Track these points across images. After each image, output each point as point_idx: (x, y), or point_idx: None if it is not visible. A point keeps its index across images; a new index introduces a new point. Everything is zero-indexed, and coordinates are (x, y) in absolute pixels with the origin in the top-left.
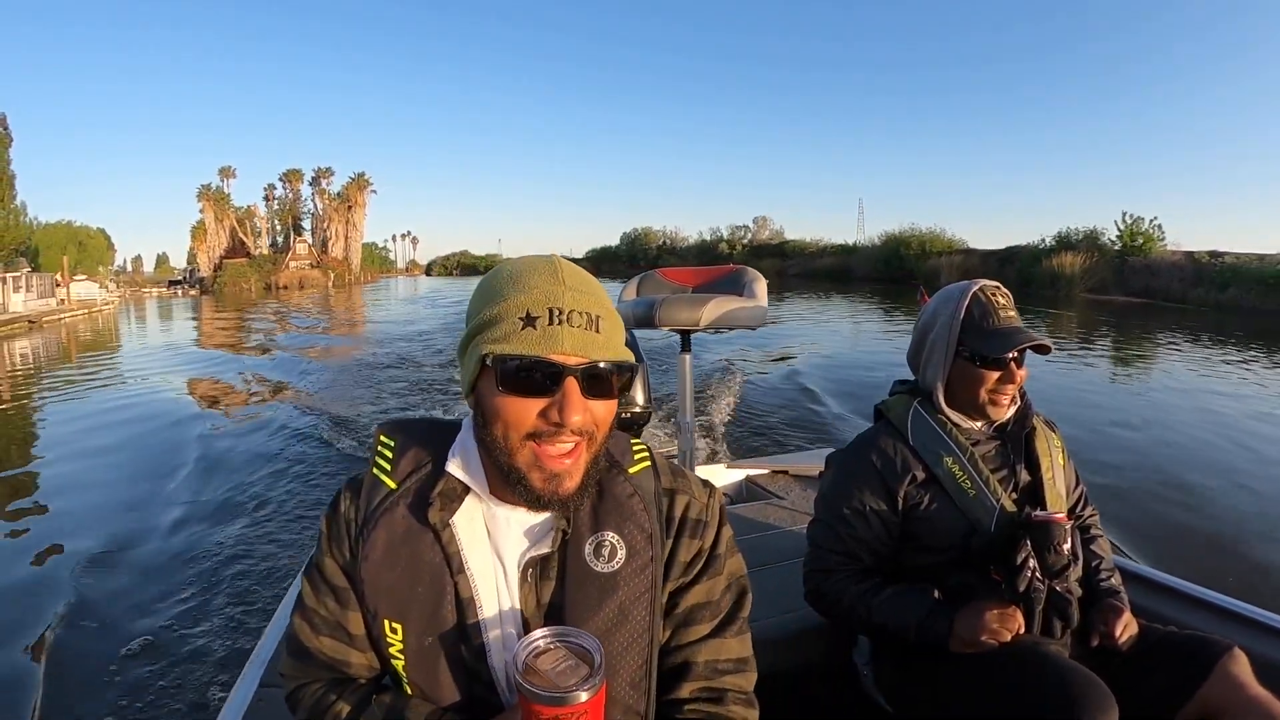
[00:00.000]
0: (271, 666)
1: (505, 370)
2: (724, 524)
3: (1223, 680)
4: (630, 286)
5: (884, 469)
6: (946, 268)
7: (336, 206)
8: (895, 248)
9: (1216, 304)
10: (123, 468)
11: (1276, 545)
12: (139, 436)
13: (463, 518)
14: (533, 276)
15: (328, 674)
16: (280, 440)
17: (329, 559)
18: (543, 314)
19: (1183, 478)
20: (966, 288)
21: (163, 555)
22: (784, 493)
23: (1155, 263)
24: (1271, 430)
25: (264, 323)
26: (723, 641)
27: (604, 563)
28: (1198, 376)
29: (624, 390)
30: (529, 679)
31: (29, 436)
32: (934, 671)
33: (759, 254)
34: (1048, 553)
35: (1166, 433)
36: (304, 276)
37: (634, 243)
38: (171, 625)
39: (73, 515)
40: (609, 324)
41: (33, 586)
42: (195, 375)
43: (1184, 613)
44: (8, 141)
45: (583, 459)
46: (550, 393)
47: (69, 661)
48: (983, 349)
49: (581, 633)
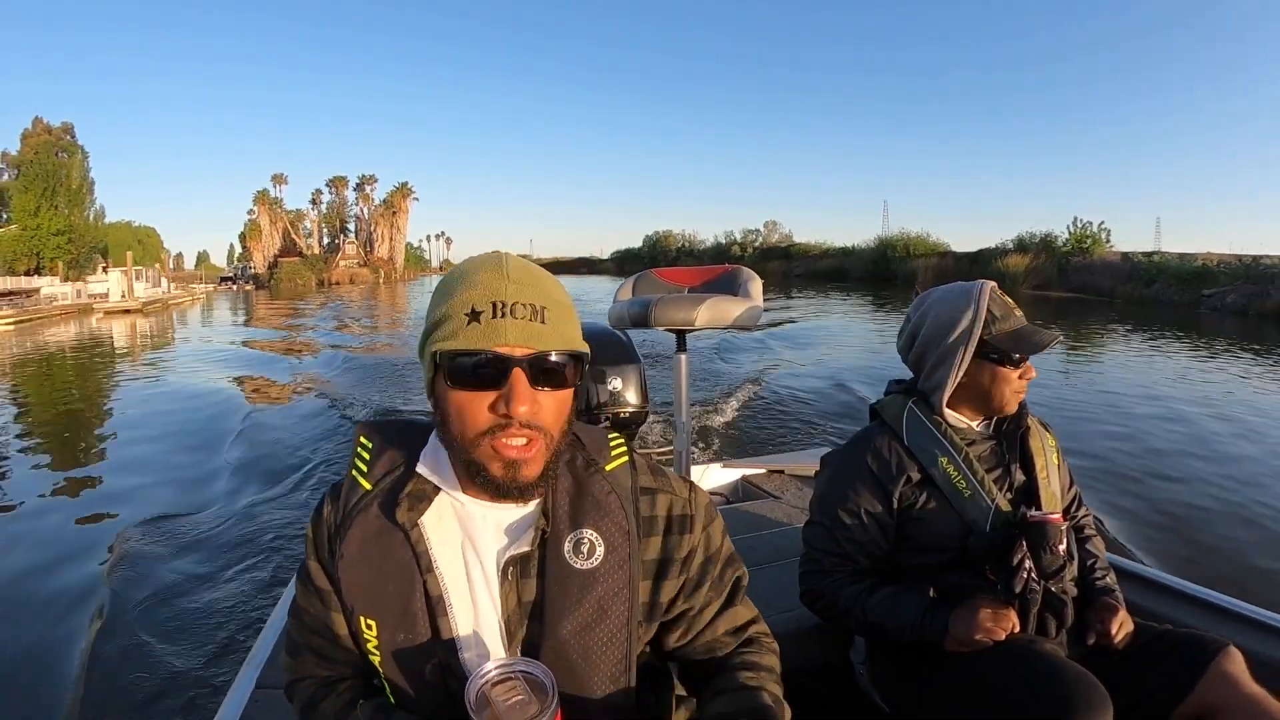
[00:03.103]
0: (268, 668)
1: (453, 366)
2: (712, 514)
3: (1218, 678)
4: (625, 286)
5: (879, 470)
6: (923, 269)
7: (382, 212)
8: (884, 250)
9: (1140, 298)
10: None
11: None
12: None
13: (432, 517)
14: (479, 274)
15: (318, 671)
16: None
17: (314, 562)
18: (486, 308)
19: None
20: (975, 289)
21: (164, 555)
22: (780, 492)
23: (1094, 262)
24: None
25: (328, 311)
26: (734, 610)
27: (583, 559)
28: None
29: (577, 381)
30: (484, 716)
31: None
32: (930, 671)
33: (768, 256)
34: (1043, 553)
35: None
36: (354, 274)
37: (655, 245)
38: (169, 626)
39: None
40: (556, 315)
41: (28, 581)
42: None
43: (1180, 611)
44: (86, 152)
45: (540, 450)
46: (498, 385)
47: (69, 661)
48: (1014, 348)
49: (532, 661)
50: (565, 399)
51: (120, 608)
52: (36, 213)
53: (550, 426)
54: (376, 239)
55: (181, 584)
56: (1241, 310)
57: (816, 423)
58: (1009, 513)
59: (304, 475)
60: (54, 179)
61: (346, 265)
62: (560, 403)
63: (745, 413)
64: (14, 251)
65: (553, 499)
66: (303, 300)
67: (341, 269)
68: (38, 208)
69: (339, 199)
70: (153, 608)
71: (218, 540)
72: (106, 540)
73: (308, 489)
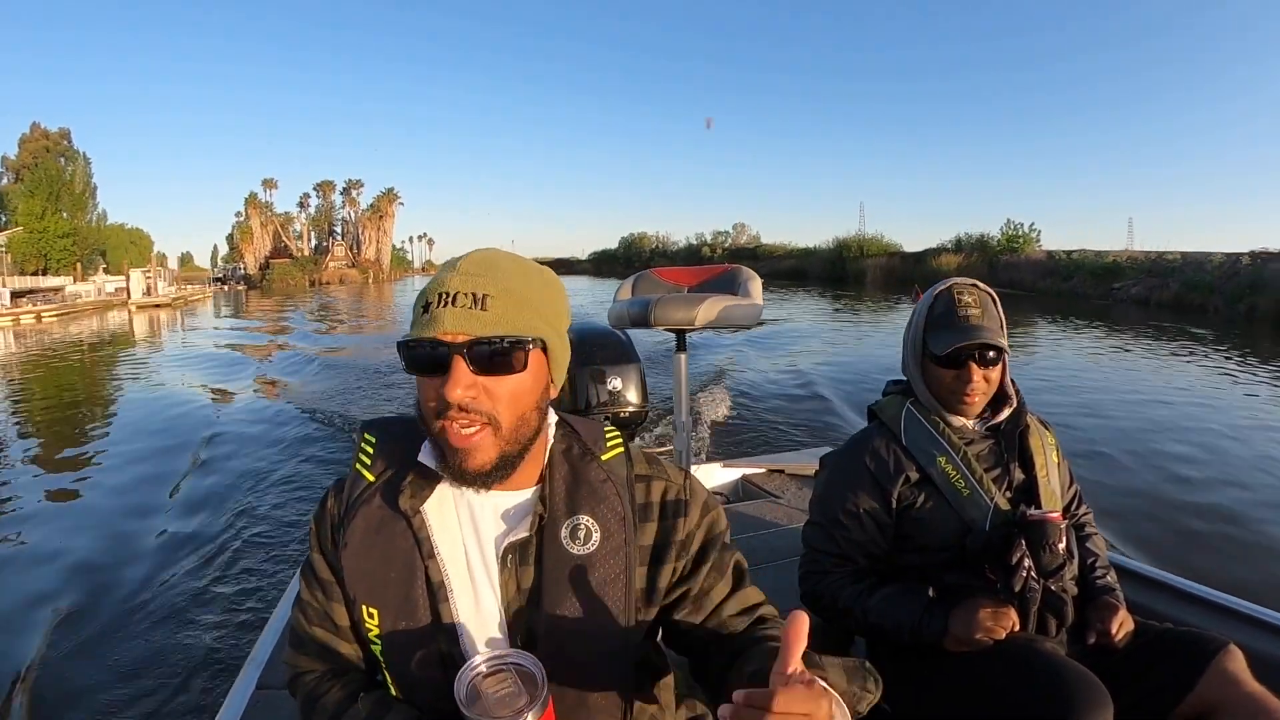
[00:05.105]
0: (269, 668)
1: (406, 355)
2: (711, 502)
3: (1219, 677)
4: (625, 286)
5: (877, 470)
6: (872, 268)
7: (369, 216)
8: (840, 251)
9: (1059, 291)
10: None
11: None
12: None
13: (434, 504)
14: (441, 270)
15: (321, 664)
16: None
17: (317, 554)
18: (434, 299)
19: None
20: (936, 289)
21: (163, 553)
22: (779, 492)
23: (1020, 260)
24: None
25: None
26: (744, 592)
27: (580, 545)
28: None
29: (524, 368)
30: (475, 709)
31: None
32: (930, 670)
33: (736, 257)
34: (1043, 551)
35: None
36: (343, 275)
37: (630, 246)
38: (169, 625)
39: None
40: (503, 302)
41: (31, 579)
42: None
43: (1180, 609)
44: (88, 159)
45: (488, 439)
46: (442, 371)
47: (68, 662)
48: (933, 347)
49: (522, 653)
50: (519, 385)
51: (121, 607)
52: (42, 216)
53: (500, 413)
54: (364, 241)
55: (181, 584)
56: (1144, 301)
57: (820, 422)
58: (1008, 511)
59: (306, 474)
60: (58, 184)
61: (336, 266)
62: (513, 390)
63: (744, 412)
64: (23, 253)
65: (550, 486)
66: (299, 298)
67: (331, 270)
68: (43, 212)
69: (326, 203)
70: (153, 607)
71: (219, 540)
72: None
73: (310, 487)
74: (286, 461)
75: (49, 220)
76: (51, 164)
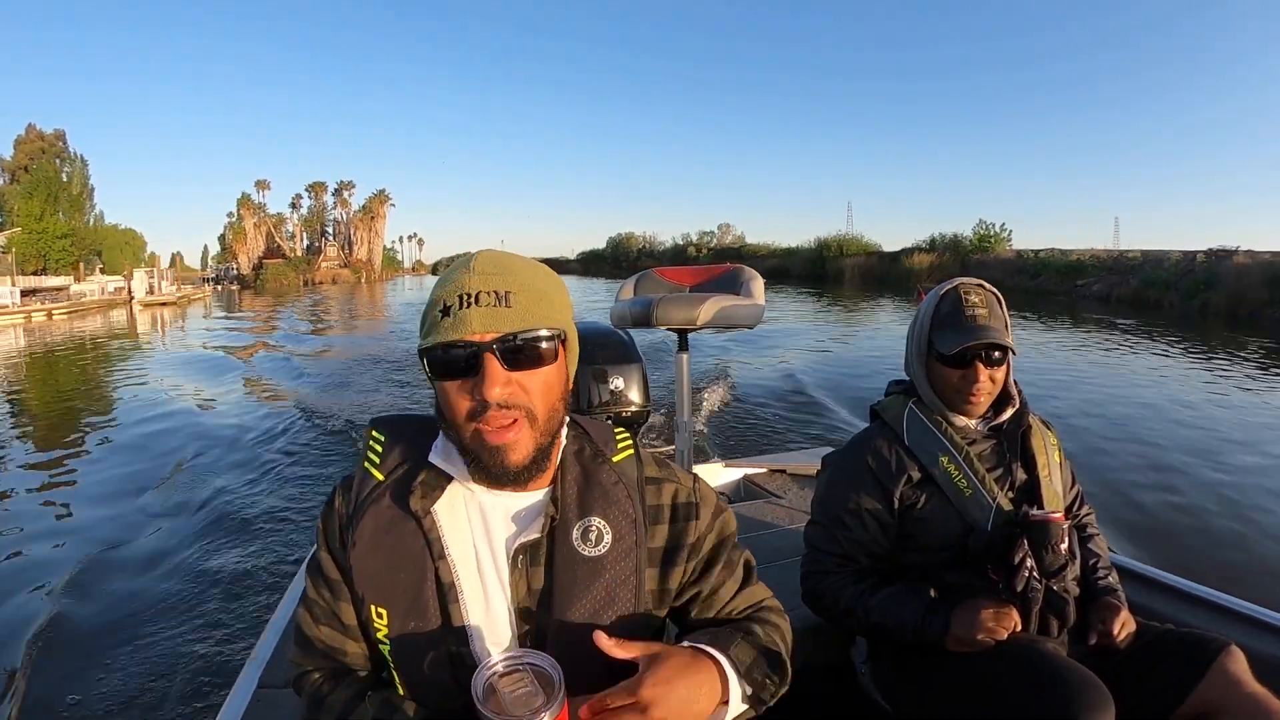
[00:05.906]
0: (270, 667)
1: (431, 360)
2: (721, 504)
3: (1220, 678)
4: (627, 286)
5: (879, 470)
6: (850, 268)
7: (361, 217)
8: (820, 250)
9: (1026, 289)
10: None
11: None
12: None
13: (445, 505)
14: (452, 274)
15: (327, 663)
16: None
17: (324, 553)
18: (455, 302)
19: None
20: (941, 288)
21: (163, 553)
22: (781, 492)
23: (990, 259)
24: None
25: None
26: (751, 589)
27: (591, 547)
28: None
29: (555, 359)
30: (490, 707)
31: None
32: (931, 670)
33: (722, 257)
34: (1045, 552)
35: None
36: (336, 275)
37: (617, 246)
38: (170, 625)
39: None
40: (524, 298)
41: (29, 581)
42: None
43: (1181, 610)
44: (85, 161)
45: (525, 432)
46: (473, 372)
47: (68, 662)
48: (939, 346)
49: (539, 654)
50: (548, 377)
51: (120, 607)
52: (41, 217)
53: (535, 406)
54: (356, 242)
55: (183, 584)
56: (1104, 297)
57: (819, 421)
58: (1010, 512)
59: (306, 473)
60: (55, 186)
61: (328, 266)
62: (544, 382)
63: (744, 412)
64: (23, 253)
65: (562, 487)
66: (295, 297)
67: (324, 270)
68: (42, 213)
69: (318, 204)
70: (152, 606)
71: (219, 538)
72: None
73: (311, 485)
74: (286, 460)
75: (47, 221)
76: (48, 166)
